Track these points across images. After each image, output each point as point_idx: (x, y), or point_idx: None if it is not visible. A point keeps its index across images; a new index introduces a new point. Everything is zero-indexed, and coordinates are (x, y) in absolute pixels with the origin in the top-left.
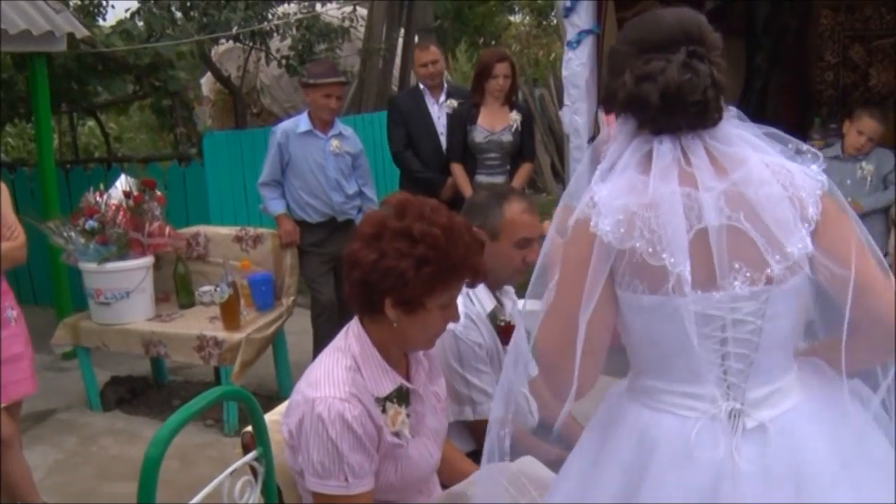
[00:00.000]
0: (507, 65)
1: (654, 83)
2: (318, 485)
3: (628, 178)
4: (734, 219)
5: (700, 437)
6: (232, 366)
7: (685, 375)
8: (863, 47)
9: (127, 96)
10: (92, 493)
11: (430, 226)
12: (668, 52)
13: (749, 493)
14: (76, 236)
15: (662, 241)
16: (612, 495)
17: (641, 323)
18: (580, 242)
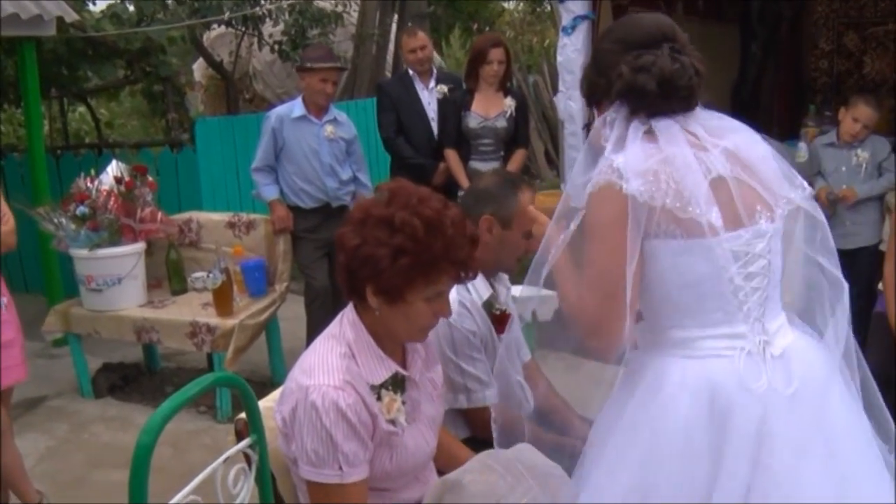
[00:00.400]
0: (502, 50)
1: (648, 73)
2: (312, 473)
3: (640, 146)
4: (735, 172)
5: (747, 372)
6: (225, 352)
7: (718, 317)
8: (857, 35)
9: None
10: (84, 480)
11: (412, 216)
12: (652, 48)
13: (790, 415)
14: (67, 222)
15: (685, 193)
16: (681, 452)
17: (678, 267)
18: (612, 204)
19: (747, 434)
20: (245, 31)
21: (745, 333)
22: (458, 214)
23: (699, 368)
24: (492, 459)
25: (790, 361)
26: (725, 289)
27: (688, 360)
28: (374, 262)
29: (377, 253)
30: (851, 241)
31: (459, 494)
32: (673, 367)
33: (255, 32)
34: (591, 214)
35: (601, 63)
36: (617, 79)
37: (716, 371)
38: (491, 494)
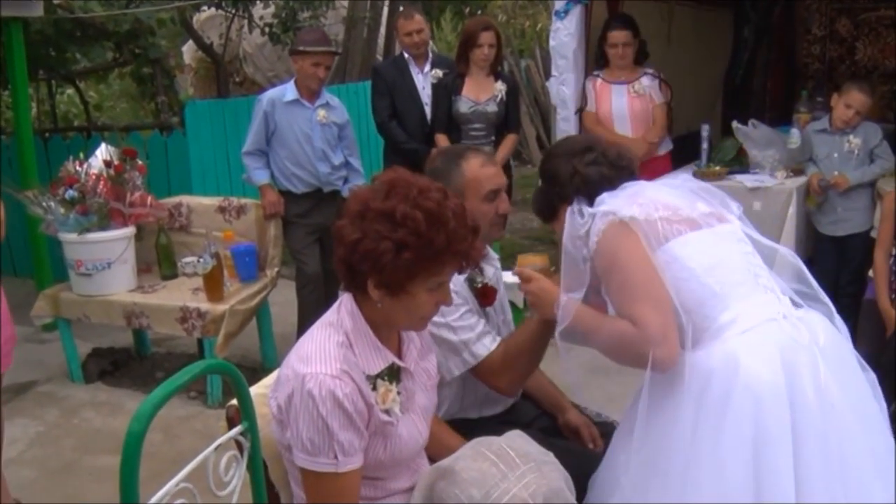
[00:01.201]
0: (492, 34)
1: (598, 165)
2: (307, 461)
3: (611, 198)
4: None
5: (793, 330)
6: (215, 337)
7: (746, 290)
8: (849, 20)
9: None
10: (74, 465)
11: (413, 209)
12: (587, 152)
13: (828, 363)
14: (56, 206)
15: (669, 205)
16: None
17: (697, 254)
18: (623, 235)
19: (814, 380)
20: (235, 14)
21: (771, 302)
22: (458, 205)
23: (742, 343)
24: (484, 447)
25: (812, 320)
26: (739, 264)
27: (728, 342)
28: (375, 257)
29: (379, 247)
30: (843, 227)
31: (452, 481)
32: (741, 345)
33: (246, 15)
34: (610, 254)
35: (551, 173)
36: (573, 176)
37: (772, 333)
38: (483, 482)
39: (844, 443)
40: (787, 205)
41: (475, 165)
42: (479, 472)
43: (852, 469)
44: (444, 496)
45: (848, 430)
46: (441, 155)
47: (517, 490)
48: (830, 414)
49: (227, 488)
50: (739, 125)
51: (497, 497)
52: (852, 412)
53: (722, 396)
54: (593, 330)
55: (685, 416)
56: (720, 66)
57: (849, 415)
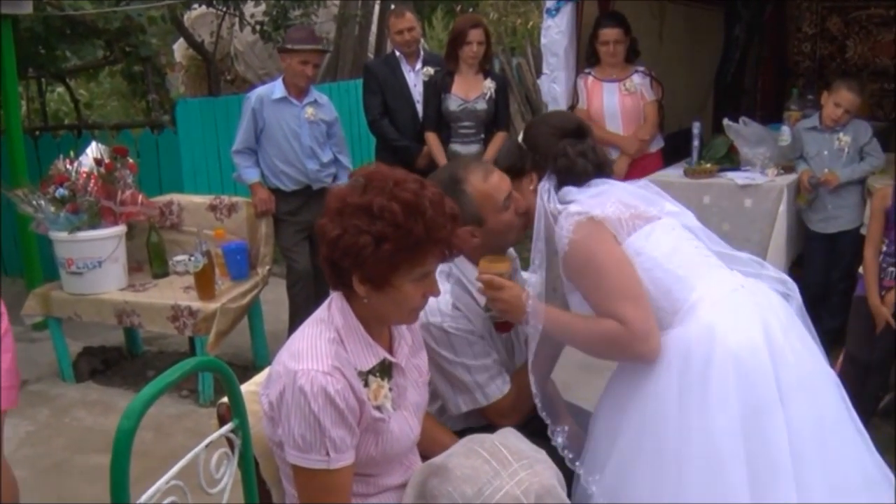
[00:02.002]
0: (481, 31)
1: (587, 159)
2: (298, 458)
3: (580, 195)
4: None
5: (756, 297)
6: (207, 336)
7: (704, 270)
8: (840, 19)
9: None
10: (65, 464)
11: (390, 201)
12: (580, 137)
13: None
14: (46, 204)
15: (632, 204)
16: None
17: (656, 243)
18: (596, 233)
19: (782, 330)
20: (226, 12)
21: (727, 276)
22: (436, 193)
23: (715, 313)
24: (476, 444)
25: (760, 287)
26: (692, 249)
27: (704, 317)
28: (356, 252)
29: (359, 241)
30: (833, 224)
31: (444, 478)
32: (691, 330)
33: (237, 12)
34: (586, 254)
35: (537, 141)
36: (562, 157)
37: (741, 301)
38: (476, 479)
39: (818, 392)
40: (778, 202)
41: (477, 183)
42: (472, 469)
43: (829, 418)
44: (437, 493)
45: (816, 380)
46: (440, 185)
47: (509, 488)
48: (803, 367)
49: (218, 486)
50: (730, 122)
51: (489, 494)
52: (812, 364)
53: (703, 364)
54: (570, 331)
55: (669, 393)
56: (711, 64)
57: (811, 366)
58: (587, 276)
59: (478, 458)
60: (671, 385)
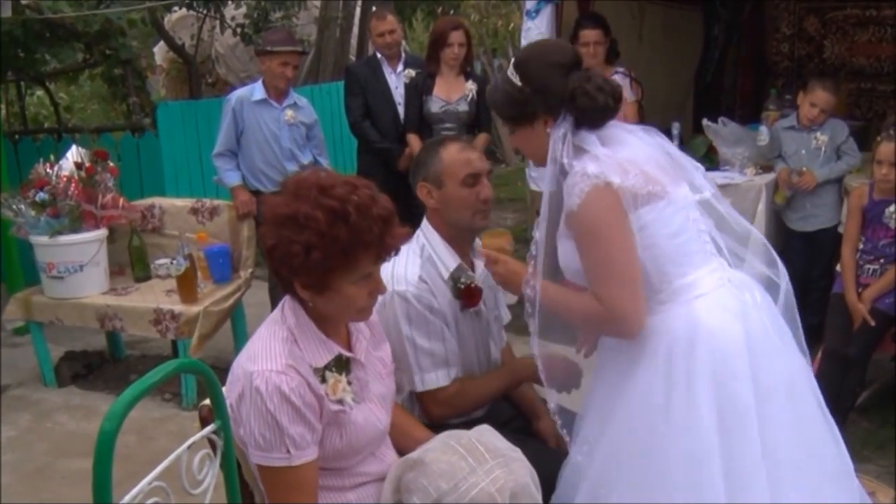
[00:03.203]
0: (462, 33)
1: (604, 93)
2: (261, 457)
3: (602, 152)
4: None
5: (740, 293)
6: (190, 339)
7: (699, 258)
8: (817, 19)
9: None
10: (47, 469)
11: (314, 209)
12: (581, 71)
13: (770, 315)
14: (26, 209)
15: (654, 178)
16: (710, 374)
17: (662, 220)
18: (606, 203)
19: (763, 329)
20: (207, 14)
21: (718, 268)
22: (364, 196)
23: (704, 305)
24: (453, 440)
25: (746, 281)
26: (694, 233)
27: (692, 303)
28: (289, 261)
29: (290, 251)
30: (811, 223)
31: (420, 472)
32: (679, 315)
33: (217, 15)
34: (589, 220)
35: (542, 81)
36: (582, 96)
37: (725, 297)
38: (452, 475)
39: (794, 394)
40: (757, 201)
41: (453, 151)
42: (448, 464)
43: (804, 420)
44: (413, 487)
45: (792, 383)
46: (424, 145)
47: (485, 485)
48: (781, 369)
49: (200, 487)
50: (709, 123)
51: (465, 490)
52: (789, 365)
53: (686, 360)
54: (563, 307)
55: (656, 384)
56: (691, 65)
57: (788, 368)
58: (587, 243)
59: (454, 454)
60: (657, 376)
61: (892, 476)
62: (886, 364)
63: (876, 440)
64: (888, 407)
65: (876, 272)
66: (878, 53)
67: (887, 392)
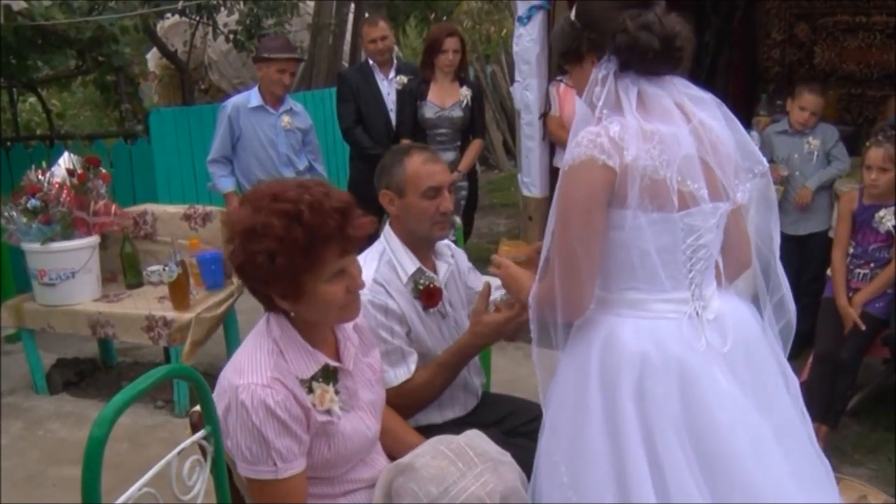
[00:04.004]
0: (457, 39)
1: (651, 32)
2: (248, 470)
3: (632, 117)
4: (701, 152)
5: (689, 333)
6: (182, 346)
7: (669, 284)
8: (808, 25)
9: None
10: (39, 477)
11: (269, 216)
12: (646, 6)
13: (728, 368)
14: (18, 216)
15: (679, 169)
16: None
17: (643, 237)
18: (589, 180)
19: (696, 386)
20: (199, 21)
21: (687, 299)
22: (317, 193)
23: (649, 327)
24: (443, 445)
25: (724, 323)
26: (679, 259)
27: (639, 320)
28: (257, 273)
29: (255, 262)
30: (803, 227)
31: (410, 477)
32: (626, 325)
33: (210, 22)
34: (568, 191)
35: (592, 17)
36: (621, 33)
37: (662, 331)
38: (441, 479)
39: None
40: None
41: (417, 162)
42: (438, 469)
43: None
44: (402, 492)
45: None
46: (390, 152)
47: (475, 489)
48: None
49: (190, 493)
50: None
51: (455, 495)
52: (758, 416)
53: (594, 361)
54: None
55: (569, 378)
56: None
57: (748, 418)
58: (556, 214)
59: (444, 458)
60: (571, 370)
61: (882, 479)
62: (877, 368)
63: (867, 444)
64: (879, 411)
65: (866, 276)
66: (867, 59)
67: (878, 396)
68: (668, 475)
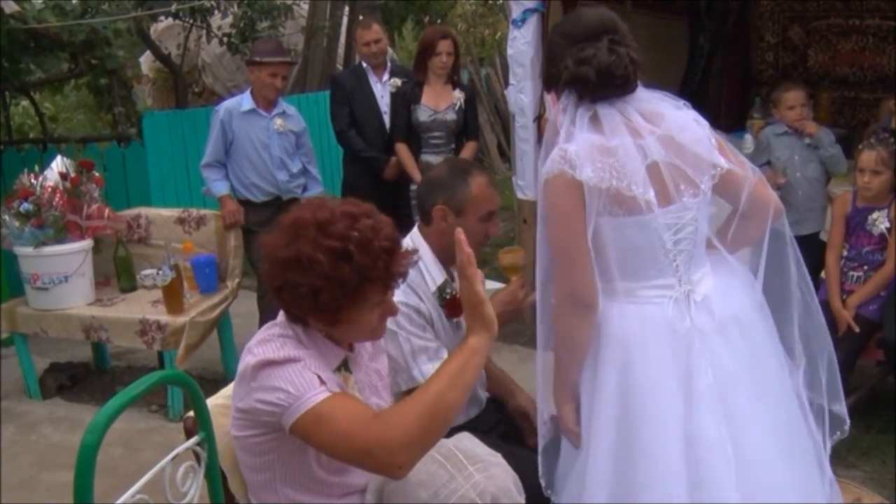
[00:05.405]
0: (450, 42)
1: (589, 65)
2: (299, 408)
3: (586, 137)
4: (668, 156)
5: (674, 315)
6: (176, 350)
7: (653, 273)
8: (801, 28)
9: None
10: (32, 481)
11: (315, 251)
12: (594, 41)
13: (714, 345)
14: (10, 219)
15: (628, 176)
16: (615, 375)
17: (621, 238)
18: (567, 191)
19: (674, 359)
20: (193, 24)
21: (673, 284)
22: (365, 228)
23: (637, 312)
24: (433, 450)
25: (711, 304)
26: (658, 252)
27: (627, 305)
28: (299, 303)
29: (298, 293)
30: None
31: (401, 483)
32: (614, 310)
33: (204, 25)
34: (548, 202)
35: (552, 55)
36: (563, 70)
37: (648, 314)
38: (431, 483)
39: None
40: None
41: (482, 185)
42: (428, 474)
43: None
44: (393, 498)
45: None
46: (447, 165)
47: (465, 490)
48: (699, 393)
49: (184, 499)
50: None
51: (445, 498)
52: (751, 391)
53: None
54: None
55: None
56: (676, 73)
57: (739, 393)
58: (544, 222)
59: (433, 463)
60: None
61: (877, 481)
62: (871, 370)
63: (861, 446)
64: (873, 413)
65: (860, 279)
66: (860, 62)
67: (872, 398)
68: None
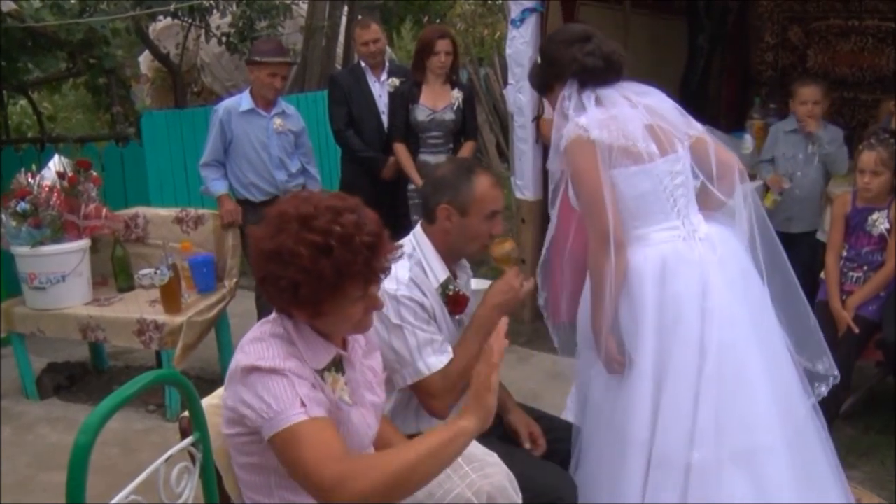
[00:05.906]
0: (449, 42)
1: (595, 56)
2: (276, 423)
3: (594, 110)
4: (655, 120)
5: (684, 249)
6: (173, 350)
7: (660, 217)
8: (801, 29)
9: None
10: (28, 482)
11: (296, 244)
12: (587, 42)
13: (721, 272)
14: (7, 219)
15: (631, 135)
16: (653, 302)
17: (631, 185)
18: (585, 151)
19: (693, 285)
20: (192, 23)
21: (678, 226)
22: (348, 224)
23: (653, 252)
24: None
25: (713, 240)
26: (662, 196)
27: (646, 248)
28: (281, 295)
29: (279, 285)
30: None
31: None
32: (637, 254)
33: (203, 24)
34: (572, 163)
35: (551, 57)
36: (573, 62)
37: (664, 251)
38: None
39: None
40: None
41: (486, 184)
42: None
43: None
44: None
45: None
46: (452, 165)
47: (460, 490)
48: (709, 310)
49: (179, 500)
50: None
51: (440, 497)
52: (748, 308)
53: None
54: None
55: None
56: (676, 74)
57: (742, 309)
58: (573, 181)
59: None
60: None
61: (876, 482)
62: (870, 371)
63: (860, 447)
64: (872, 413)
65: (860, 279)
66: (860, 63)
67: (871, 399)
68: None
